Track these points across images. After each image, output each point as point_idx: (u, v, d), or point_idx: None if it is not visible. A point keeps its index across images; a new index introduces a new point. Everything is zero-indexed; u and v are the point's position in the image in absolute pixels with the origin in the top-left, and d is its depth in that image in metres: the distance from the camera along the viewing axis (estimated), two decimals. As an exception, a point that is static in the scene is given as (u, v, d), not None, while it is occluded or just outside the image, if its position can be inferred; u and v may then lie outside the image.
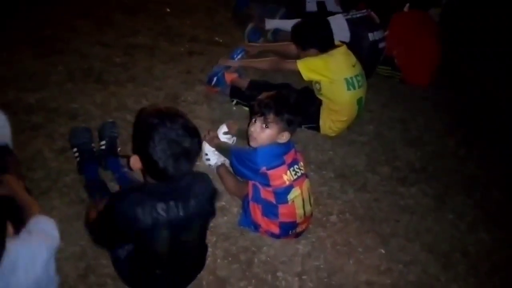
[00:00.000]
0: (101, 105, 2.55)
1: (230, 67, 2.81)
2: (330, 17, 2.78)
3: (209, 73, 2.83)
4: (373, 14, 3.06)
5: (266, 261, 1.88)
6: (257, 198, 1.90)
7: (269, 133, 1.82)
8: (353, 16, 2.99)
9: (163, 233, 1.40)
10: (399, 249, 2.06)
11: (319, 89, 2.52)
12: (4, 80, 2.60)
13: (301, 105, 1.96)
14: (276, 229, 1.92)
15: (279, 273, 1.84)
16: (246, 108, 2.64)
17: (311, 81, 2.54)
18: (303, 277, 1.85)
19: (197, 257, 1.69)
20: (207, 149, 2.19)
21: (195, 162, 1.41)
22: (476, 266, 2.06)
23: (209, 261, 1.79)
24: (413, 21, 3.24)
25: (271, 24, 3.40)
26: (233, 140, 2.28)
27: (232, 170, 2.08)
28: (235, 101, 2.72)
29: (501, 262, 2.11)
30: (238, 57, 2.86)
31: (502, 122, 3.20)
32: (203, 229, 1.62)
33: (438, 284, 1.96)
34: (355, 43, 2.79)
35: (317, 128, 2.62)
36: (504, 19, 4.45)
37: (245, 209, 1.99)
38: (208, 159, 2.20)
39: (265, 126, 1.82)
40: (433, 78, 3.36)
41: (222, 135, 2.23)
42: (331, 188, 2.32)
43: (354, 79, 2.47)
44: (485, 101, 3.46)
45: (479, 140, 2.93)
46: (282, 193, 1.85)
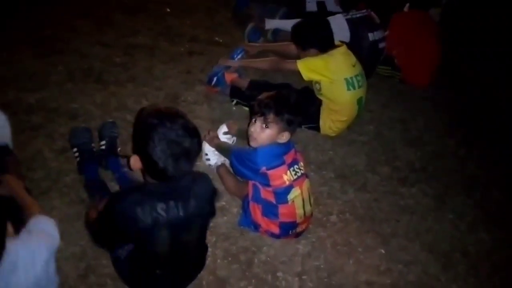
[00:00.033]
0: (101, 105, 2.55)
1: (230, 67, 2.81)
2: (330, 17, 2.78)
3: (209, 73, 2.83)
4: (373, 14, 3.06)
5: (266, 261, 1.88)
6: (257, 198, 1.90)
7: (269, 133, 1.82)
8: (353, 16, 2.98)
9: (163, 233, 1.40)
10: (399, 249, 2.06)
11: (319, 89, 2.52)
12: (4, 80, 2.61)
13: (301, 105, 1.96)
14: (276, 229, 1.92)
15: (279, 273, 1.84)
16: (246, 108, 2.64)
17: (311, 81, 2.54)
18: (303, 277, 1.85)
19: (197, 257, 1.69)
20: (207, 149, 2.19)
21: (195, 162, 1.41)
22: (476, 266, 2.06)
23: (209, 261, 1.79)
24: (413, 21, 3.24)
25: (271, 24, 3.40)
26: (233, 140, 2.28)
27: (232, 170, 2.08)
28: (235, 101, 2.72)
29: (501, 262, 2.11)
30: (238, 57, 2.86)
31: (502, 122, 3.20)
32: (203, 229, 1.62)
33: (438, 284, 1.96)
34: (355, 43, 2.79)
35: (317, 128, 2.62)
36: (504, 19, 4.45)
37: (245, 209, 1.99)
38: (208, 159, 2.20)
39: (265, 126, 1.81)
40: (433, 78, 3.35)
41: (222, 135, 2.23)
42: (331, 188, 2.32)
43: (354, 79, 2.47)
44: (485, 101, 3.45)
45: (479, 140, 2.93)
46: (282, 193, 1.84)
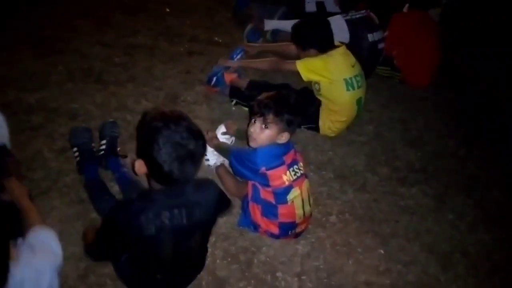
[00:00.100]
0: (101, 105, 2.55)
1: (230, 67, 2.81)
2: (329, 18, 2.77)
3: (208, 73, 2.83)
4: (372, 14, 3.06)
5: (266, 261, 1.89)
6: (256, 198, 1.90)
7: (269, 134, 1.82)
8: (353, 17, 2.98)
9: (166, 241, 1.40)
10: (399, 250, 2.06)
11: (319, 90, 2.52)
12: (4, 80, 2.61)
13: (301, 105, 1.96)
14: (276, 230, 1.92)
15: (278, 274, 1.85)
16: (246, 108, 2.65)
17: (310, 82, 2.54)
18: (303, 277, 1.85)
19: (198, 259, 1.69)
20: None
21: (200, 165, 1.39)
22: (476, 266, 2.06)
23: (208, 261, 1.79)
24: (413, 21, 3.24)
25: (270, 24, 3.40)
26: (232, 140, 2.28)
27: (231, 171, 2.08)
28: (234, 101, 2.72)
29: (501, 262, 2.11)
30: (237, 57, 2.87)
31: (502, 122, 3.19)
32: (206, 235, 1.62)
33: (437, 284, 1.96)
34: (354, 44, 2.79)
35: (316, 129, 2.62)
36: (504, 19, 4.44)
37: (244, 210, 1.99)
38: (207, 159, 2.20)
39: (264, 126, 1.82)
40: (433, 78, 3.35)
41: (221, 135, 2.23)
42: (330, 188, 2.32)
43: (353, 79, 2.47)
44: (485, 101, 3.45)
45: (479, 140, 2.93)
46: (282, 194, 1.84)
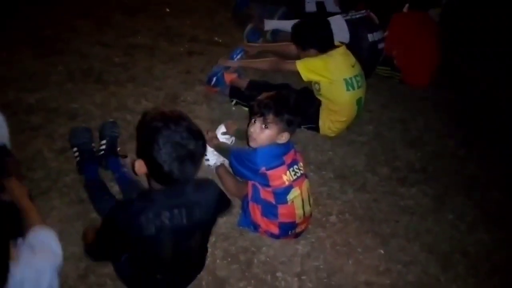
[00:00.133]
0: (101, 105, 2.55)
1: (230, 67, 2.81)
2: (329, 18, 2.77)
3: (208, 73, 2.83)
4: (372, 14, 3.06)
5: (266, 261, 1.89)
6: (256, 199, 1.90)
7: (269, 134, 1.82)
8: (353, 17, 2.98)
9: (166, 241, 1.40)
10: (399, 250, 2.06)
11: (319, 90, 2.52)
12: (4, 80, 2.61)
13: (301, 105, 1.96)
14: (276, 230, 1.92)
15: (278, 274, 1.85)
16: (246, 108, 2.65)
17: (310, 82, 2.54)
18: (303, 277, 1.85)
19: (198, 260, 1.69)
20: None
21: (200, 165, 1.39)
22: (476, 267, 2.06)
23: (208, 261, 1.79)
24: (413, 21, 3.23)
25: (270, 25, 3.40)
26: (232, 140, 2.28)
27: (231, 171, 2.08)
28: (234, 101, 2.72)
29: (501, 262, 2.11)
30: (237, 57, 2.87)
31: (502, 122, 3.19)
32: (206, 235, 1.62)
33: (437, 284, 1.96)
34: (354, 44, 2.78)
35: (316, 129, 2.62)
36: (504, 19, 4.44)
37: (244, 210, 1.99)
38: (207, 159, 2.20)
39: (264, 126, 1.81)
40: (433, 78, 3.35)
41: (221, 135, 2.23)
42: (330, 188, 2.32)
43: (353, 79, 2.47)
44: (485, 101, 3.44)
45: (479, 140, 2.92)
46: (282, 194, 1.84)
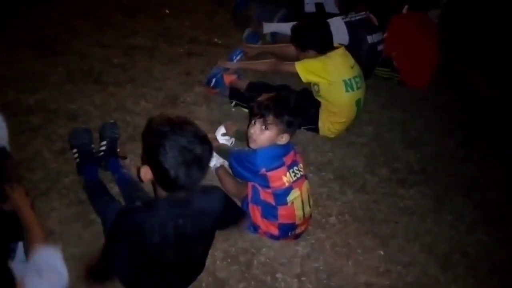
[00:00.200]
0: (100, 106, 2.55)
1: (229, 68, 2.80)
2: (329, 20, 2.75)
3: (208, 74, 2.83)
4: (371, 16, 3.05)
5: (266, 262, 1.89)
6: (256, 200, 1.91)
7: (269, 135, 1.82)
8: (352, 19, 2.96)
9: (170, 249, 1.40)
10: (398, 250, 2.06)
11: (318, 91, 2.51)
12: (4, 81, 2.61)
13: (301, 106, 1.96)
14: (276, 231, 1.92)
15: (278, 275, 1.85)
16: (245, 110, 2.65)
17: (309, 83, 2.54)
18: (302, 278, 1.85)
19: (200, 263, 1.69)
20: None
21: (206, 170, 1.37)
22: (476, 267, 2.06)
23: (208, 262, 1.78)
24: (412, 22, 3.22)
25: (269, 28, 3.38)
26: (232, 142, 2.28)
27: (231, 172, 2.08)
28: (234, 103, 2.72)
29: (500, 263, 2.11)
30: (237, 58, 2.87)
31: (502, 122, 3.19)
32: (209, 242, 1.62)
33: (437, 285, 1.96)
34: (354, 46, 2.78)
35: (316, 130, 2.62)
36: (504, 19, 4.44)
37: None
38: (208, 160, 2.20)
39: (264, 127, 1.82)
40: (433, 78, 3.35)
41: (220, 136, 2.23)
42: (330, 189, 2.32)
43: (352, 80, 2.47)
44: (485, 101, 3.44)
45: (479, 141, 2.92)
46: (282, 195, 1.85)
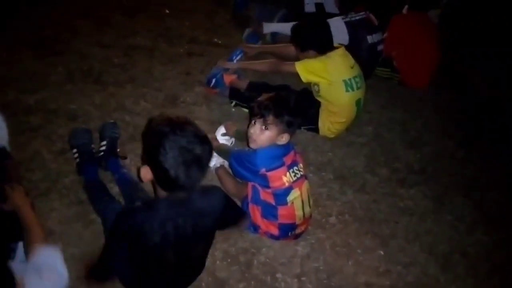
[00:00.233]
0: (100, 106, 2.55)
1: (229, 68, 2.80)
2: (329, 20, 2.75)
3: (208, 74, 2.82)
4: (371, 16, 3.05)
5: (266, 262, 1.89)
6: (256, 200, 1.91)
7: (269, 135, 1.82)
8: (352, 19, 2.96)
9: (170, 249, 1.40)
10: (398, 250, 2.06)
11: (318, 91, 2.51)
12: (4, 81, 2.61)
13: (301, 106, 1.96)
14: (276, 231, 1.92)
15: (278, 275, 1.85)
16: (245, 110, 2.64)
17: (309, 83, 2.54)
18: (302, 278, 1.85)
19: (199, 264, 1.69)
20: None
21: (206, 170, 1.37)
22: (476, 267, 2.06)
23: (208, 262, 1.78)
24: (412, 22, 3.22)
25: (269, 28, 3.38)
26: (232, 142, 2.28)
27: (231, 172, 2.08)
28: (234, 103, 2.72)
29: (500, 263, 2.11)
30: (237, 58, 2.86)
31: (502, 122, 3.19)
32: (210, 242, 1.62)
33: (437, 285, 1.96)
34: (354, 46, 2.78)
35: (316, 130, 2.62)
36: (504, 19, 4.44)
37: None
38: (207, 160, 2.20)
39: (264, 127, 1.82)
40: (433, 78, 3.35)
41: (220, 136, 2.23)
42: (330, 189, 2.32)
43: (352, 80, 2.47)
44: (485, 101, 3.44)
45: (479, 141, 2.92)
46: (282, 195, 1.85)
